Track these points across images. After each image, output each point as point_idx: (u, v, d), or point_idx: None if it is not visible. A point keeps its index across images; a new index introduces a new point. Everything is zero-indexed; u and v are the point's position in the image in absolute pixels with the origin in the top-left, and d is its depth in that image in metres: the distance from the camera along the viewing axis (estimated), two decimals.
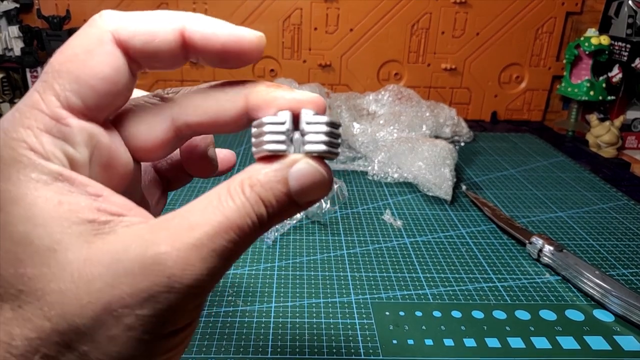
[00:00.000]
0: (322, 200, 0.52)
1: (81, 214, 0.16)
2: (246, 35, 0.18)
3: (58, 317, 0.15)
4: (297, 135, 0.18)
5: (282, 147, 0.17)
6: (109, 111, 0.18)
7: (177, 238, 0.15)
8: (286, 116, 0.18)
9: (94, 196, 0.16)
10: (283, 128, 0.18)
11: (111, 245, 0.15)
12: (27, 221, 0.15)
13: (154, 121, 0.19)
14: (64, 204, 0.15)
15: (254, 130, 0.18)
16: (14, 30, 0.84)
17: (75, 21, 0.87)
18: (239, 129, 0.20)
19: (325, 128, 0.18)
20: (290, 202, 0.17)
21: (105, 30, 0.17)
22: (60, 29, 0.84)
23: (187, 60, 0.18)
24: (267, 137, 0.17)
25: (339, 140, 0.18)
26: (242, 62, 0.18)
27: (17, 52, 0.84)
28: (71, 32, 0.85)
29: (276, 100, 0.18)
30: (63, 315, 0.15)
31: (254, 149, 0.18)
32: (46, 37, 0.83)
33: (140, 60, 0.18)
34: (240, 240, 0.16)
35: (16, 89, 0.87)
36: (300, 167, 0.17)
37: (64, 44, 0.17)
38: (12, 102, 0.87)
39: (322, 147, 0.17)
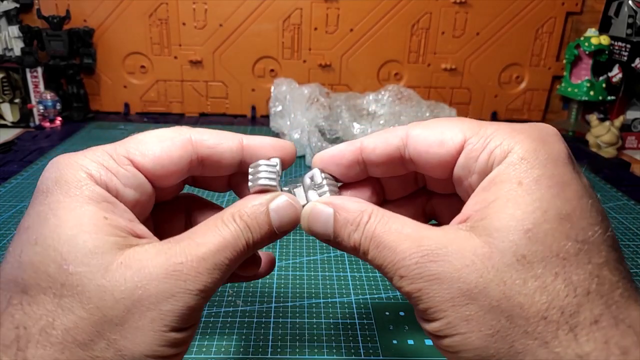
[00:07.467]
0: None
1: (119, 229, 0.20)
2: (286, 144, 0.25)
3: (95, 309, 0.18)
4: (307, 180, 0.24)
5: (273, 182, 0.23)
6: (160, 181, 0.23)
7: (189, 252, 0.20)
8: (277, 160, 0.24)
9: (129, 220, 0.21)
10: (275, 169, 0.23)
11: (140, 254, 0.19)
12: (76, 227, 0.19)
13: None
14: (108, 219, 0.20)
15: (251, 169, 0.24)
16: (14, 30, 0.84)
17: (75, 21, 0.87)
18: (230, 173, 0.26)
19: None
20: (270, 229, 0.22)
21: (187, 136, 0.23)
22: (60, 29, 0.84)
23: (240, 168, 0.25)
24: (262, 175, 0.23)
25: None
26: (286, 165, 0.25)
27: (17, 52, 0.84)
28: (71, 32, 0.85)
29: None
30: (99, 307, 0.18)
31: (250, 184, 0.23)
32: (46, 37, 0.83)
33: (208, 161, 0.24)
34: (234, 258, 0.21)
35: (16, 89, 0.87)
36: (278, 201, 0.22)
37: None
38: (12, 102, 0.86)
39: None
